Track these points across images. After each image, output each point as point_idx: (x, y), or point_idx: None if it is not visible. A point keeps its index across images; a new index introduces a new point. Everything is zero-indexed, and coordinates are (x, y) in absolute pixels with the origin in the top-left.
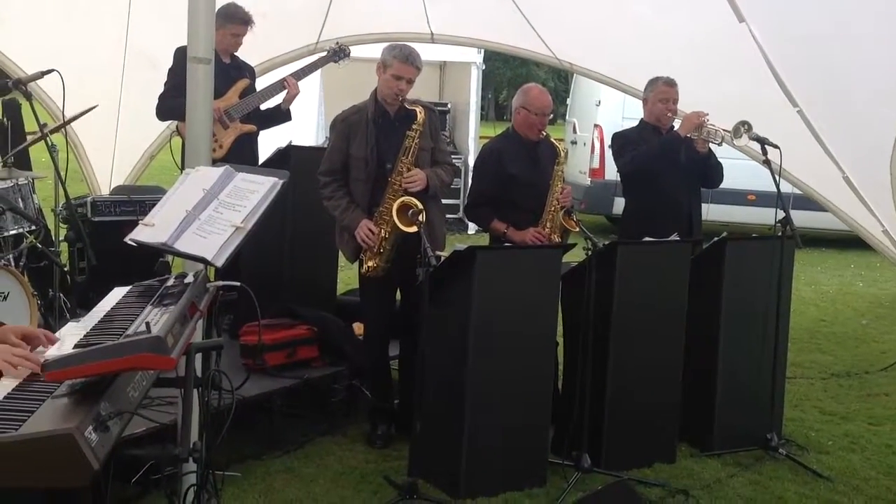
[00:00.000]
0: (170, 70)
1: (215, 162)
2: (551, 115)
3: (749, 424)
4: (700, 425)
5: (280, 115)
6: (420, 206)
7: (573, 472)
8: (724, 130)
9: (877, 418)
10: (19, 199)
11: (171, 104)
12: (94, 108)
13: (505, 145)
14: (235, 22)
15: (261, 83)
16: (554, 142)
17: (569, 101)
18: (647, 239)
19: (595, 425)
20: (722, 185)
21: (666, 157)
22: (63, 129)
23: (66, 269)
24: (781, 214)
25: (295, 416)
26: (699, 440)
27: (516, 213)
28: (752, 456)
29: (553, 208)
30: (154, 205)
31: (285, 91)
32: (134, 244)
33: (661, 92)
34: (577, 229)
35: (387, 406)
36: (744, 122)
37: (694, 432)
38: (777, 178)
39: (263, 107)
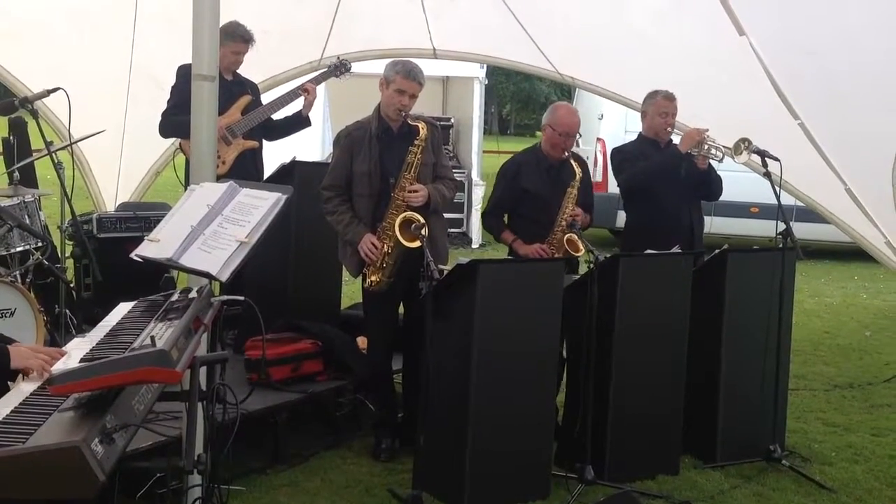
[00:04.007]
0: (173, 88)
1: (218, 178)
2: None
3: (752, 436)
4: (703, 437)
5: (300, 122)
6: (422, 220)
7: (576, 483)
8: (724, 147)
9: (880, 429)
10: (25, 216)
11: (175, 121)
12: (100, 132)
13: (526, 159)
14: (236, 40)
15: (264, 100)
16: (574, 164)
17: None
18: (648, 251)
19: (598, 437)
20: (725, 198)
21: (666, 173)
22: (69, 147)
23: (72, 285)
24: (783, 226)
25: (299, 429)
26: (702, 452)
27: (529, 227)
28: (755, 468)
29: (560, 228)
30: (159, 221)
31: (299, 99)
32: (139, 260)
33: (660, 106)
34: (582, 251)
35: (391, 419)
36: (744, 140)
37: (697, 444)
38: (777, 190)
39: (278, 116)
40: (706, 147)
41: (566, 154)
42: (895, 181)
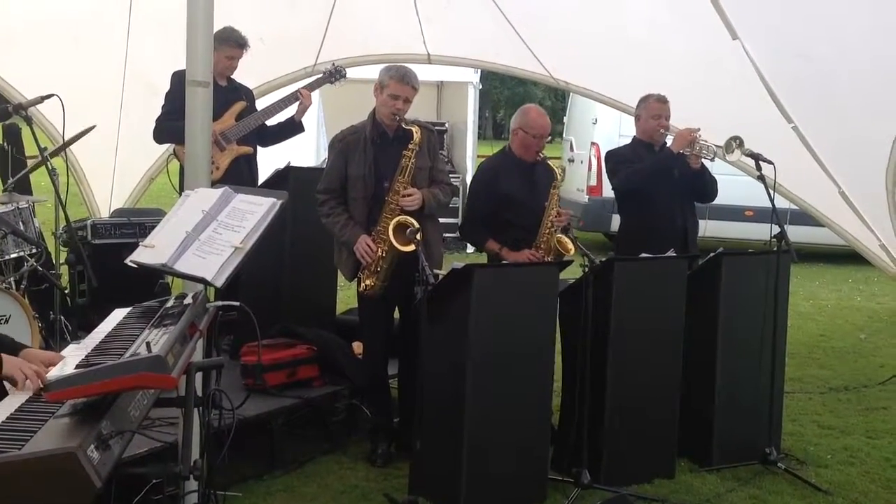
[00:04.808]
0: (167, 94)
1: (213, 184)
2: (548, 136)
3: (748, 439)
4: (699, 440)
5: (293, 128)
6: (416, 225)
7: (573, 488)
8: (716, 146)
9: (875, 432)
10: (20, 223)
11: (169, 127)
12: (92, 128)
13: (501, 164)
14: (230, 44)
15: (259, 106)
16: (551, 164)
17: (565, 119)
18: (643, 255)
19: (594, 441)
20: (720, 201)
21: (660, 175)
22: (63, 153)
23: (66, 291)
24: (777, 229)
25: (295, 435)
26: (698, 455)
27: (511, 233)
28: (751, 471)
29: (547, 231)
30: (154, 227)
31: (294, 105)
32: (135, 266)
33: (653, 109)
34: (573, 251)
35: (387, 424)
36: (735, 138)
37: (693, 447)
38: (772, 193)
39: (272, 122)
40: (698, 147)
41: (540, 156)
42: (889, 184)
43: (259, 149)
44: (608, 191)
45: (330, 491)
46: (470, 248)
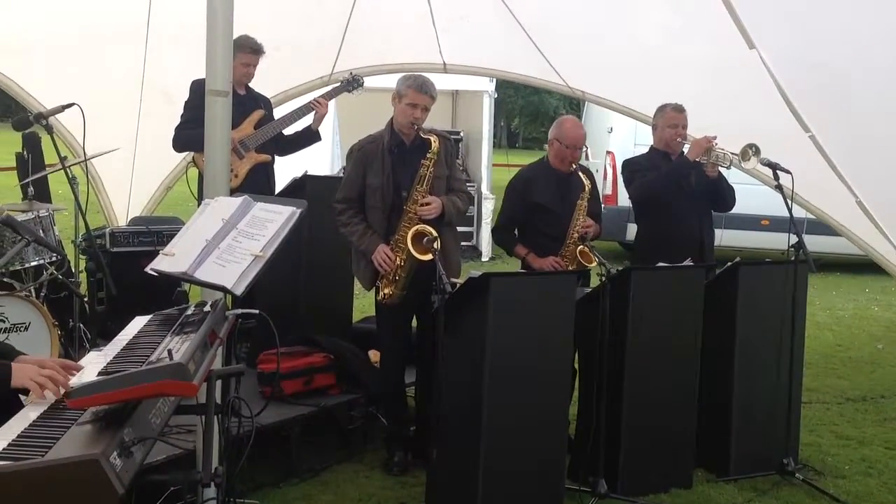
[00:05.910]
0: (186, 102)
1: (231, 192)
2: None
3: (765, 449)
4: (716, 450)
5: (310, 136)
6: (435, 233)
7: (590, 497)
8: (732, 154)
9: (893, 442)
10: (40, 231)
11: (188, 135)
12: (115, 150)
13: (536, 174)
14: (245, 51)
15: (276, 115)
16: (583, 176)
17: None
18: (660, 264)
19: (611, 450)
20: (736, 211)
21: (676, 183)
22: (83, 163)
23: (85, 299)
24: (795, 239)
25: (312, 443)
26: (715, 465)
27: (542, 240)
28: (768, 481)
29: (572, 240)
30: (172, 235)
31: (310, 114)
32: (154, 274)
33: (670, 118)
34: (595, 263)
35: (403, 433)
36: (751, 145)
37: (710, 457)
38: (789, 203)
39: (289, 131)
40: (714, 155)
41: (573, 166)
42: None
43: (276, 158)
44: (624, 199)
45: (346, 499)
46: (485, 257)
